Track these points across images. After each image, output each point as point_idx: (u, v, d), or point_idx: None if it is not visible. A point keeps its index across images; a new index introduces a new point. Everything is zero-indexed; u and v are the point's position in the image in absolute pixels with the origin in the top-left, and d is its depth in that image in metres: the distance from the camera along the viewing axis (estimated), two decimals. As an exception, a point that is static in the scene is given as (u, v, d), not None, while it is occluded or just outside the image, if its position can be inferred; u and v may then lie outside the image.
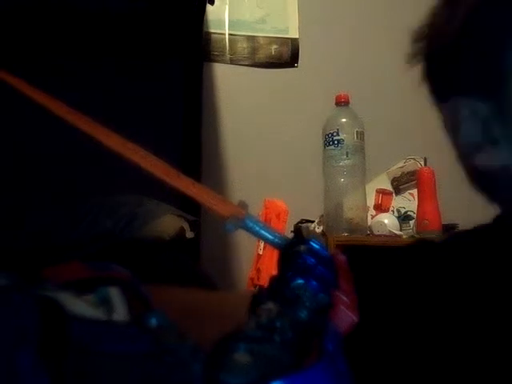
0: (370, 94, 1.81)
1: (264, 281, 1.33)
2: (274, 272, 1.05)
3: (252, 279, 1.41)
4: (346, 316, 0.27)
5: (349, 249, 0.50)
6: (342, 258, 0.30)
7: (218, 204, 0.32)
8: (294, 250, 0.30)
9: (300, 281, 0.28)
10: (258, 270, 1.38)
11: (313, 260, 0.28)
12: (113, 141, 0.33)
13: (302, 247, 0.29)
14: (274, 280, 0.29)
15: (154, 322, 0.29)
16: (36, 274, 0.32)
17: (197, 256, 1.45)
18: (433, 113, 2.09)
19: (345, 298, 0.27)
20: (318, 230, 1.46)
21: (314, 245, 0.30)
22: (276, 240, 0.31)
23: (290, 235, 1.16)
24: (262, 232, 0.31)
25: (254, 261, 1.42)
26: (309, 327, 0.26)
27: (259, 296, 0.28)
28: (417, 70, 1.89)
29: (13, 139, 1.46)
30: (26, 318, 0.24)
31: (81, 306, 0.28)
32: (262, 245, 1.38)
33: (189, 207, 1.27)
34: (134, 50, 1.55)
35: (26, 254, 0.97)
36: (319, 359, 0.24)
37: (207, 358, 0.27)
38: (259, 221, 0.31)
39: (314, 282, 0.27)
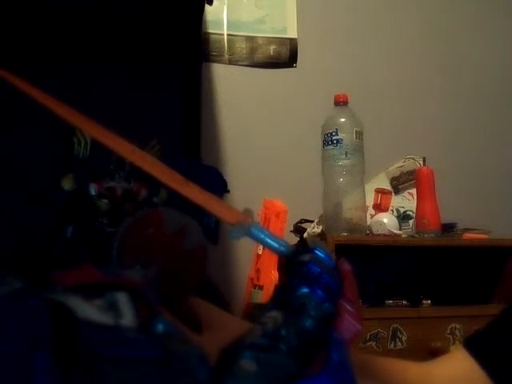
0: (369, 94, 1.81)
1: (263, 281, 1.33)
2: (274, 272, 1.05)
3: (252, 279, 1.41)
4: (350, 325, 0.27)
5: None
6: (347, 266, 0.30)
7: (224, 211, 0.32)
8: (299, 258, 0.30)
9: (305, 289, 0.28)
10: (258, 270, 1.38)
11: (318, 269, 0.29)
12: (121, 147, 0.33)
13: (307, 256, 0.30)
14: (278, 288, 0.30)
15: (160, 328, 0.30)
16: (45, 278, 0.32)
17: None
18: (432, 113, 2.11)
19: (350, 308, 0.28)
20: (318, 229, 1.47)
21: (319, 253, 0.30)
22: (281, 248, 0.31)
23: (290, 235, 1.16)
24: (267, 240, 0.31)
25: (254, 261, 1.42)
26: (314, 336, 0.26)
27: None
28: (415, 70, 1.91)
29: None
30: (40, 322, 0.24)
31: (90, 311, 0.28)
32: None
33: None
34: (132, 51, 1.55)
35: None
36: (324, 368, 0.24)
37: (214, 365, 0.27)
38: (264, 228, 0.31)
39: (319, 291, 0.28)
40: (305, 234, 1.46)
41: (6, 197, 1.14)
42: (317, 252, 0.30)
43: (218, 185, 0.90)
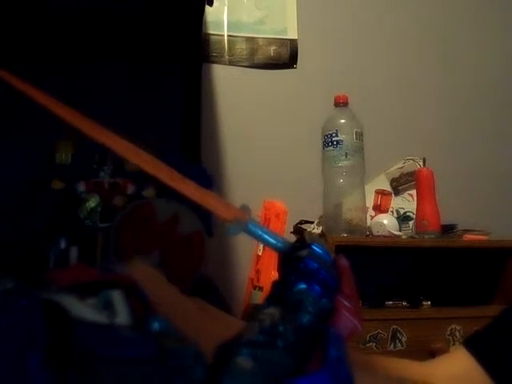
0: (369, 95, 1.81)
1: (263, 281, 1.33)
2: (274, 273, 1.04)
3: (252, 280, 1.40)
4: (348, 322, 0.27)
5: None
6: (344, 262, 0.30)
7: (221, 208, 0.32)
8: (297, 254, 0.29)
9: (303, 285, 0.27)
10: (258, 271, 1.38)
11: (315, 264, 0.28)
12: (117, 144, 0.33)
13: (305, 252, 0.29)
14: (276, 284, 0.29)
15: (156, 326, 0.30)
16: (39, 277, 0.32)
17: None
18: (432, 113, 2.11)
19: (347, 304, 0.27)
20: (318, 230, 1.46)
21: (317, 249, 0.29)
22: (278, 244, 0.31)
23: (290, 236, 1.16)
24: (265, 236, 0.31)
25: (254, 261, 1.42)
26: (311, 332, 0.26)
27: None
28: (415, 71, 1.90)
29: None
30: (34, 321, 0.24)
31: (84, 310, 0.28)
32: (261, 246, 1.38)
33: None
34: (132, 51, 1.55)
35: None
36: (322, 365, 0.24)
37: (210, 362, 0.27)
38: (262, 225, 0.31)
39: (317, 287, 0.27)
40: (305, 235, 1.46)
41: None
42: (314, 248, 0.30)
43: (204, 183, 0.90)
